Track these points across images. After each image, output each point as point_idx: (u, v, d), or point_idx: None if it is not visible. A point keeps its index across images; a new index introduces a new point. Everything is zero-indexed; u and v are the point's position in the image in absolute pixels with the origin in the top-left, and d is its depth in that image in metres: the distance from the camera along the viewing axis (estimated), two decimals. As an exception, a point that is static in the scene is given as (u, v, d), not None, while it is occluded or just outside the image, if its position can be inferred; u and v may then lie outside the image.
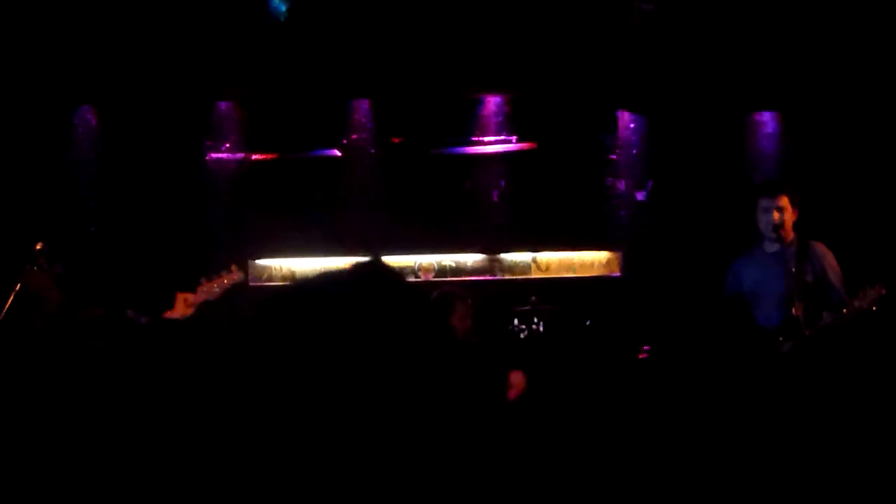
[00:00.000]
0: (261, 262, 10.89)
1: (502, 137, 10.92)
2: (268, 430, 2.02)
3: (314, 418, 1.92)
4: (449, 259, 10.97)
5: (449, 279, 10.79)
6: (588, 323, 9.71)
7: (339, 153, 10.90)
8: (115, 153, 10.64)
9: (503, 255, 10.98)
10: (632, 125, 10.95)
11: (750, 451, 3.43)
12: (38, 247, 7.01)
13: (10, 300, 6.57)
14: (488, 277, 10.91)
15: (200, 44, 9.80)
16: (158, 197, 10.56)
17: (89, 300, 7.22)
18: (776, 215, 7.85)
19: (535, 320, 9.45)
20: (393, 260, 10.82)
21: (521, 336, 9.39)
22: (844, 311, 7.39)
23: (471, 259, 10.98)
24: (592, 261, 11.02)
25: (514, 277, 10.91)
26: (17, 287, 6.67)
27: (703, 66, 10.12)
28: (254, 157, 10.88)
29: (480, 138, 10.93)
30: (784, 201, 7.88)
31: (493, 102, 10.91)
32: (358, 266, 2.15)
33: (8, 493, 3.55)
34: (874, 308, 7.33)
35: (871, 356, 6.65)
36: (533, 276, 10.96)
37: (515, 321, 9.48)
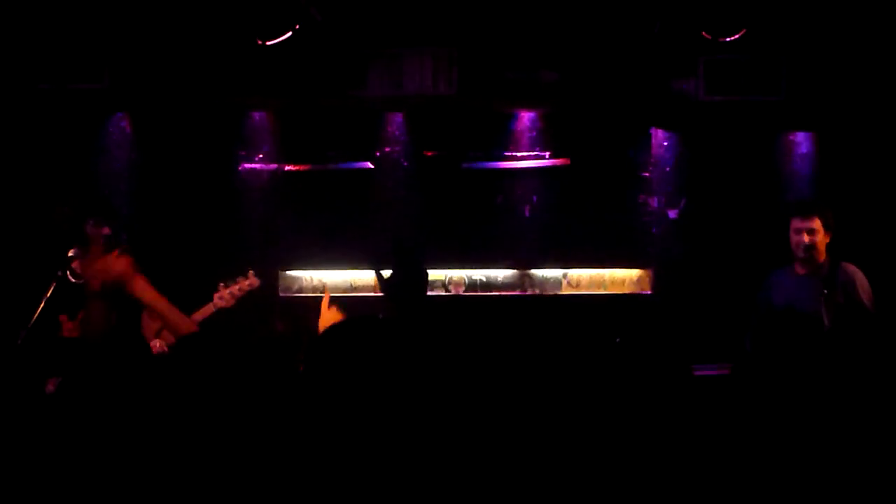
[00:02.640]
0: (291, 272, 10.89)
1: (535, 153, 10.90)
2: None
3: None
4: (480, 273, 10.95)
5: (479, 294, 10.78)
6: (618, 340, 9.66)
7: (371, 165, 10.89)
8: (148, 161, 10.67)
9: (534, 271, 10.96)
10: (665, 143, 10.93)
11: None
12: (70, 253, 7.02)
13: (40, 307, 6.58)
14: (519, 293, 10.88)
15: (234, 53, 9.83)
16: (191, 206, 10.59)
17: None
18: (806, 238, 7.81)
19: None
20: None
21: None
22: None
23: (501, 274, 10.96)
24: (623, 278, 10.99)
25: (545, 293, 10.88)
26: (49, 294, 6.68)
27: (738, 85, 10.09)
28: (286, 167, 10.89)
29: (513, 153, 10.92)
30: (816, 223, 7.84)
31: (526, 118, 10.90)
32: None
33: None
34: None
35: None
36: (564, 292, 10.93)
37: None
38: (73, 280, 7.05)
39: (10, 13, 9.58)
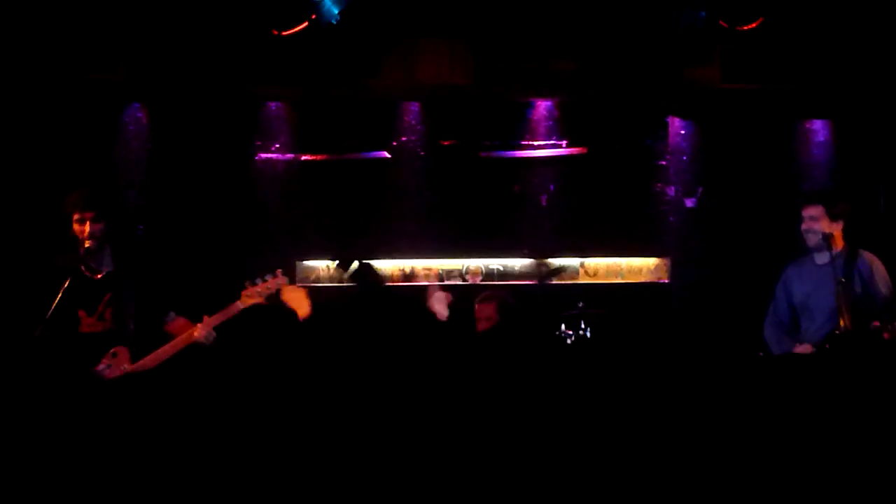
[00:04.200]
0: (308, 262, 10.90)
1: (552, 142, 10.89)
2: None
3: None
4: (497, 263, 10.95)
5: (496, 283, 10.77)
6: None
7: (388, 155, 10.89)
8: (164, 152, 10.69)
9: (551, 260, 10.94)
10: (682, 131, 10.91)
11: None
12: (86, 245, 7.01)
13: (57, 299, 6.58)
14: (536, 282, 10.87)
15: (250, 44, 9.83)
16: (207, 196, 10.60)
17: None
18: (810, 224, 7.77)
19: (583, 326, 9.40)
20: (440, 263, 10.83)
21: (568, 341, 9.35)
22: (893, 324, 7.25)
23: (518, 263, 10.95)
24: (640, 267, 10.98)
25: (562, 282, 10.87)
26: (66, 285, 6.67)
27: (755, 73, 10.06)
28: (303, 157, 10.90)
29: (530, 142, 10.91)
30: (818, 211, 7.77)
31: (543, 106, 10.89)
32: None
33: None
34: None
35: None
36: (581, 280, 10.92)
37: (563, 326, 9.44)
38: (89, 274, 7.05)
39: (28, 4, 9.60)
